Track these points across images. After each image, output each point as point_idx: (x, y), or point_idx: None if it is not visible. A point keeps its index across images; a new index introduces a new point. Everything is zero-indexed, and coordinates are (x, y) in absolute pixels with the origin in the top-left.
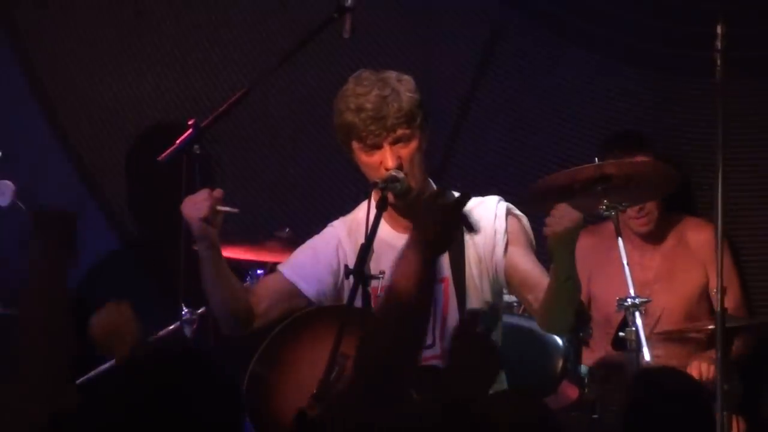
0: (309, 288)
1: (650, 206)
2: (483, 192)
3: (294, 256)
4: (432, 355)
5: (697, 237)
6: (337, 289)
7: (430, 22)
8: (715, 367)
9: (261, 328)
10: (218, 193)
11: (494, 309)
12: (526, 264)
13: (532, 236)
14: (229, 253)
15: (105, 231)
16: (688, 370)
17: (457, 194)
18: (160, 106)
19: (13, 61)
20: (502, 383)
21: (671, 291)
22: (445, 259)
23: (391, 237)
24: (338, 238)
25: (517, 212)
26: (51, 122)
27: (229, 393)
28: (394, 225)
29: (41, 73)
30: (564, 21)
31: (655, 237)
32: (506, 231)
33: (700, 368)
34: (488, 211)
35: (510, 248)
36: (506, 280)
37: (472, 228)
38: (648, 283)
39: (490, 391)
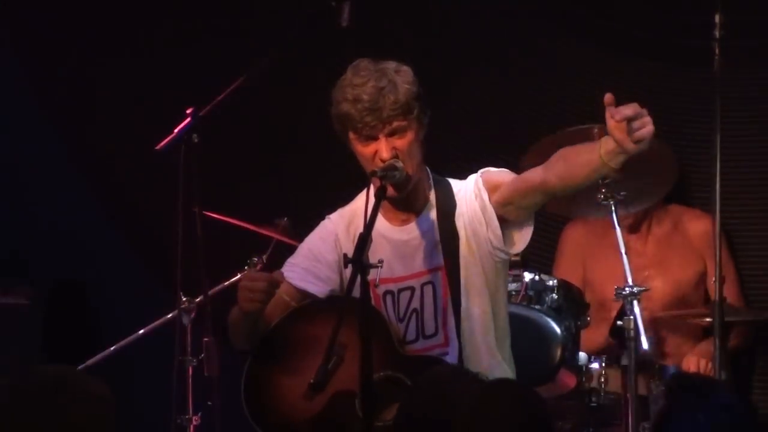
0: (319, 290)
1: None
2: None
3: (297, 263)
4: (435, 344)
5: (695, 227)
6: (341, 282)
7: (428, 10)
8: (712, 363)
9: None
10: (279, 276)
11: (495, 289)
12: (518, 181)
13: (511, 173)
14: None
15: (103, 220)
16: (684, 362)
17: (452, 182)
18: (159, 96)
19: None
20: (510, 371)
21: (665, 276)
22: (439, 249)
23: (387, 230)
24: (335, 234)
25: (493, 169)
26: (49, 114)
27: None
28: (389, 218)
29: (36, 61)
30: (562, 11)
31: (650, 224)
32: (485, 187)
33: (698, 365)
34: (470, 188)
35: (498, 191)
36: (519, 205)
37: None
38: (643, 269)
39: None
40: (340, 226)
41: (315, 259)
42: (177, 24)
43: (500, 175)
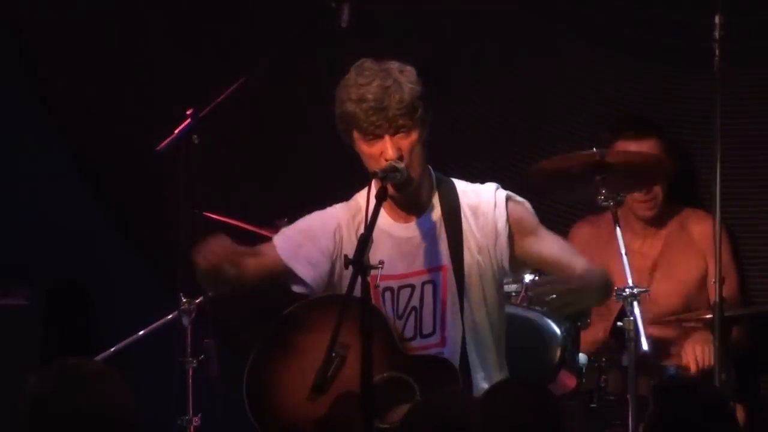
0: (306, 272)
1: (656, 190)
2: (483, 180)
3: (292, 237)
4: (432, 343)
5: (699, 228)
6: (333, 273)
7: (431, 9)
8: (710, 350)
9: (242, 293)
10: (225, 244)
11: (495, 296)
12: (552, 248)
13: (536, 218)
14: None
15: (103, 221)
16: (682, 353)
17: (457, 182)
18: (159, 97)
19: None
20: (504, 372)
21: (670, 279)
22: (443, 248)
23: (390, 226)
24: (338, 222)
25: (518, 198)
26: (49, 113)
27: None
28: (392, 215)
29: (37, 62)
30: (564, 11)
31: (655, 225)
32: (508, 220)
33: (695, 351)
34: (487, 200)
35: (525, 239)
36: (530, 266)
37: None
38: (647, 271)
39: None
40: (344, 215)
41: (311, 240)
42: (177, 24)
43: (529, 219)
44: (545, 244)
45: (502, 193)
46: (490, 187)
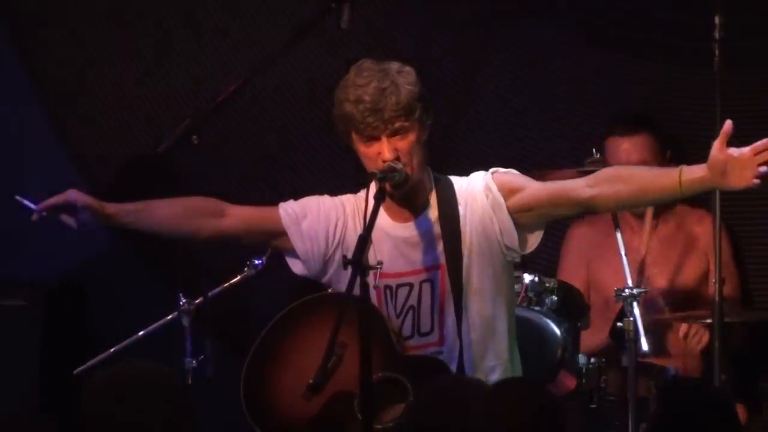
0: (300, 245)
1: None
2: None
3: (297, 207)
4: (430, 342)
5: (701, 228)
6: (329, 257)
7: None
8: (707, 335)
9: (221, 242)
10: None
11: (500, 290)
12: (547, 185)
13: (526, 177)
14: None
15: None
16: (680, 331)
17: (454, 179)
18: (159, 97)
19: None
20: (514, 367)
21: (668, 275)
22: (441, 247)
23: (390, 226)
24: (344, 209)
25: (503, 170)
26: (50, 113)
27: None
28: (392, 215)
29: (36, 61)
30: (562, 12)
31: (654, 222)
32: (498, 189)
33: (691, 327)
34: (478, 184)
35: (518, 195)
36: (544, 213)
37: None
38: (647, 267)
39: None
40: (352, 205)
41: (315, 217)
42: (177, 24)
43: (516, 178)
44: (538, 186)
45: (488, 174)
46: (477, 174)
